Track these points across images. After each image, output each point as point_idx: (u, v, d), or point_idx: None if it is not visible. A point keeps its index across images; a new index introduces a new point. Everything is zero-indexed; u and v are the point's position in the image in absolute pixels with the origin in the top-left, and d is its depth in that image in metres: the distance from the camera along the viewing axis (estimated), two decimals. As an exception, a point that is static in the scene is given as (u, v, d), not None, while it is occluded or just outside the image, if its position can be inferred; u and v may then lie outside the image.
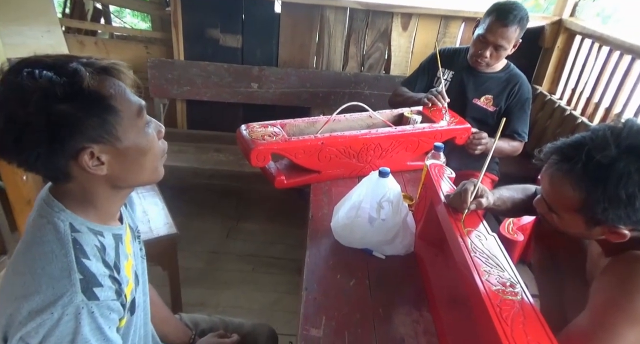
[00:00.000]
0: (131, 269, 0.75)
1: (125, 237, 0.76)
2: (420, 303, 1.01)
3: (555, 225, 0.84)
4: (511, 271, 0.81)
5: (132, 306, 0.73)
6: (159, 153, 0.70)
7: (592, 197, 0.73)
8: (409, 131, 1.50)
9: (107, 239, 0.69)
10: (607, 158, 0.71)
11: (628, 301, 0.68)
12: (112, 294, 0.64)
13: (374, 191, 1.12)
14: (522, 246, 1.44)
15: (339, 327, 0.92)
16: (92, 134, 0.60)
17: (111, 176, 0.65)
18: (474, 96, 1.74)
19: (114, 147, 0.63)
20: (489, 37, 1.58)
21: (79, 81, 0.57)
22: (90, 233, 0.66)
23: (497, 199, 1.02)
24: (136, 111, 0.64)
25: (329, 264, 1.11)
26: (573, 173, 0.75)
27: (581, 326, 0.73)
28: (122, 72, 0.63)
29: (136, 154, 0.66)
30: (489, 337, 0.69)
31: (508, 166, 1.88)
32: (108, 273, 0.65)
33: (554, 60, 2.12)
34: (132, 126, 0.64)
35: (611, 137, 0.72)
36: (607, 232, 0.76)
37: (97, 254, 0.65)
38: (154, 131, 0.69)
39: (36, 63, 0.58)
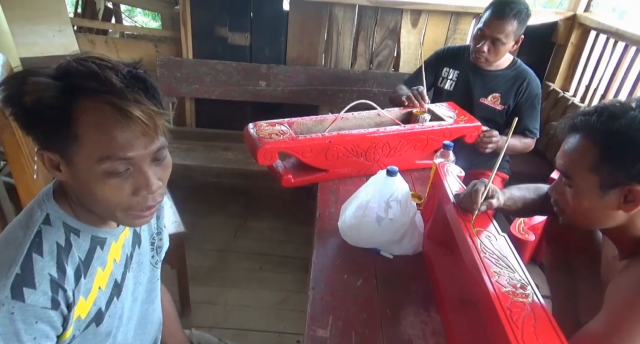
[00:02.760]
0: (108, 277, 0.69)
1: (115, 242, 0.71)
2: (428, 304, 0.99)
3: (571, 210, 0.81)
4: (522, 272, 0.79)
5: (97, 317, 0.68)
6: (118, 205, 0.61)
7: (605, 147, 0.73)
8: (417, 130, 1.48)
9: (82, 240, 0.65)
10: (621, 109, 0.73)
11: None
12: (45, 301, 0.58)
13: (381, 190, 1.11)
14: (534, 246, 1.41)
15: (345, 327, 0.91)
16: (44, 142, 0.58)
17: (72, 186, 0.62)
18: (481, 95, 1.72)
19: (67, 165, 0.59)
20: (486, 31, 1.56)
21: (48, 90, 0.54)
22: (61, 229, 0.63)
23: (508, 199, 1.00)
24: (98, 157, 0.56)
25: (336, 263, 1.10)
26: (587, 125, 0.75)
27: (595, 330, 0.71)
28: (132, 119, 0.55)
29: (86, 187, 0.59)
30: (499, 340, 0.67)
31: (519, 164, 1.85)
32: (51, 278, 0.59)
33: (567, 57, 2.08)
34: (88, 165, 0.57)
35: (625, 102, 0.75)
36: (622, 199, 0.73)
37: (54, 253, 0.60)
38: (129, 187, 0.60)
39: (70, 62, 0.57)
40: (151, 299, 0.85)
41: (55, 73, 0.56)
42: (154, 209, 0.65)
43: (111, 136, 0.56)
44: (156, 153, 0.61)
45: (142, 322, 0.84)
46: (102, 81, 0.55)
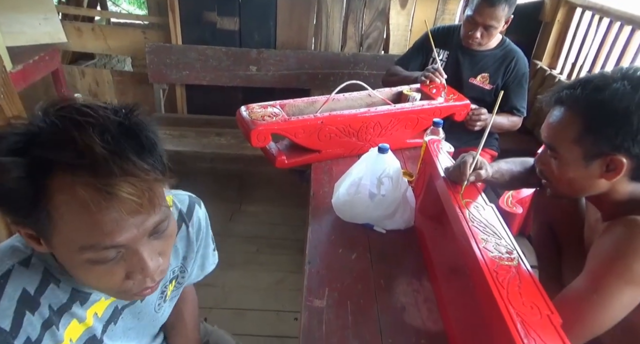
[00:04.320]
0: (83, 330, 0.61)
1: (104, 299, 0.63)
2: (420, 274, 1.03)
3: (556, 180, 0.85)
4: (508, 239, 0.83)
5: None
6: (109, 290, 0.55)
7: (589, 118, 0.75)
8: (408, 109, 1.50)
9: (61, 290, 0.57)
10: (604, 81, 0.75)
11: (623, 263, 0.70)
12: None
13: (373, 167, 1.14)
14: (522, 219, 1.46)
15: (341, 298, 0.95)
16: (15, 219, 0.49)
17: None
18: (470, 75, 1.74)
19: (47, 244, 0.51)
20: (477, 19, 1.58)
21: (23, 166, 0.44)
22: (39, 275, 0.55)
23: (496, 172, 1.04)
24: (78, 246, 0.48)
25: (330, 239, 1.14)
26: (572, 98, 0.78)
27: (577, 288, 0.75)
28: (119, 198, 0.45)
29: (71, 268, 0.52)
30: (485, 300, 0.71)
31: (508, 141, 1.89)
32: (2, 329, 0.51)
33: (554, 35, 2.10)
34: (68, 252, 0.49)
35: (608, 74, 0.77)
36: (604, 168, 0.76)
37: (13, 303, 0.52)
38: (121, 272, 0.52)
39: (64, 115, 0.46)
40: (149, 332, 0.77)
41: (21, 141, 0.45)
42: (155, 287, 0.57)
43: (93, 221, 0.46)
44: (154, 228, 0.51)
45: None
46: (79, 151, 0.44)
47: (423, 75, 1.61)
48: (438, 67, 1.60)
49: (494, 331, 0.68)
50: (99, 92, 2.53)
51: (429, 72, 1.59)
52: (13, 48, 1.93)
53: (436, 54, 1.67)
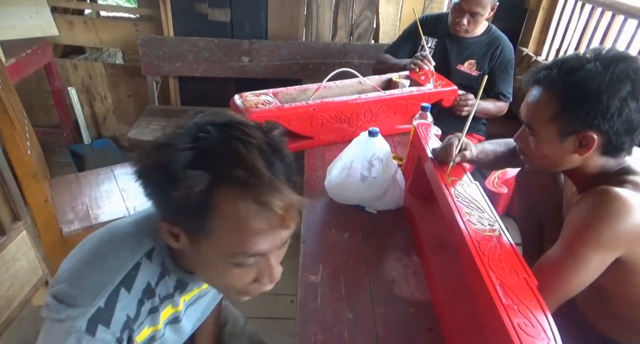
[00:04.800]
0: (172, 313, 0.69)
1: (196, 288, 0.71)
2: (409, 250, 1.09)
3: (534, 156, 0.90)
4: (490, 212, 0.89)
5: (149, 341, 0.68)
6: (234, 290, 0.60)
7: (564, 97, 0.80)
8: (397, 95, 1.54)
9: (170, 281, 0.64)
10: (579, 62, 0.79)
11: (593, 229, 0.75)
12: (111, 339, 0.58)
13: (364, 151, 1.18)
14: (507, 199, 1.51)
15: (335, 273, 1.00)
16: (171, 218, 0.54)
17: (185, 253, 0.59)
18: (458, 61, 1.79)
19: (189, 242, 0.56)
20: (464, 6, 1.62)
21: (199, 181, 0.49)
22: (158, 268, 0.62)
23: (480, 152, 1.09)
24: (230, 253, 0.54)
25: (324, 220, 1.18)
26: (550, 77, 0.82)
27: (552, 254, 0.80)
28: (273, 212, 0.50)
29: (206, 268, 0.59)
30: (468, 267, 0.77)
31: (494, 127, 1.94)
32: (126, 319, 0.59)
33: (539, 22, 2.15)
34: (216, 255, 0.55)
35: (582, 55, 0.81)
36: (578, 144, 0.81)
37: (139, 294, 0.60)
38: (252, 275, 0.57)
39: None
40: (202, 319, 0.84)
41: (194, 155, 0.50)
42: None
43: (249, 232, 0.52)
44: (286, 240, 0.58)
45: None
46: (249, 170, 0.50)
47: (412, 63, 1.66)
48: (426, 55, 1.64)
49: (476, 294, 0.73)
50: (91, 85, 2.54)
51: (417, 60, 1.64)
52: (4, 42, 1.94)
53: (424, 42, 1.71)
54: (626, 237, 0.74)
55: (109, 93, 2.58)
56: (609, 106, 0.75)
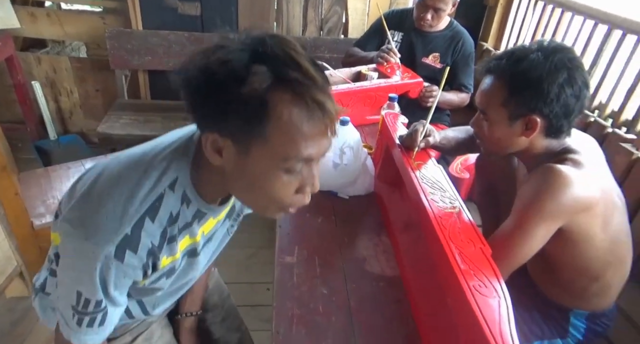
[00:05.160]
0: (190, 244, 0.70)
1: (212, 218, 0.71)
2: (380, 231, 1.15)
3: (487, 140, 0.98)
4: (452, 192, 0.96)
5: (169, 273, 0.70)
6: (278, 201, 0.59)
7: (512, 85, 0.88)
8: (366, 87, 1.61)
9: (189, 211, 0.64)
10: (524, 52, 0.87)
11: (538, 202, 0.84)
12: (138, 264, 0.60)
13: (335, 139, 1.24)
14: (469, 184, 1.61)
15: (310, 254, 1.05)
16: (226, 127, 0.53)
17: (224, 172, 0.58)
18: (423, 55, 1.87)
19: (238, 154, 0.55)
20: (428, 2, 1.72)
21: (260, 80, 0.50)
22: (179, 198, 0.62)
23: (443, 138, 1.17)
24: (290, 156, 0.54)
25: (298, 205, 1.24)
26: (499, 67, 0.91)
27: (504, 227, 0.89)
28: (326, 114, 0.52)
29: (253, 181, 0.57)
30: (432, 240, 0.84)
31: (458, 117, 2.04)
32: (151, 246, 0.60)
33: (497, 18, 2.28)
34: (271, 160, 0.54)
35: (527, 46, 0.90)
36: (525, 126, 0.90)
37: (164, 222, 0.61)
38: (296, 184, 0.58)
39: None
40: (212, 259, 0.86)
41: (252, 55, 0.51)
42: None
43: (302, 135, 0.52)
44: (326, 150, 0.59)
45: (195, 281, 0.87)
46: (304, 73, 0.51)
47: (378, 56, 1.73)
48: (392, 48, 1.72)
49: (439, 263, 0.81)
50: (56, 79, 2.48)
51: (383, 53, 1.71)
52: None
53: (390, 36, 1.78)
54: (567, 208, 0.83)
55: (75, 87, 2.52)
56: (549, 92, 0.84)
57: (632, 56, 1.50)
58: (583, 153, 0.90)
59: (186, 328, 0.96)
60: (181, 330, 0.95)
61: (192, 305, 0.96)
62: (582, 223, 0.86)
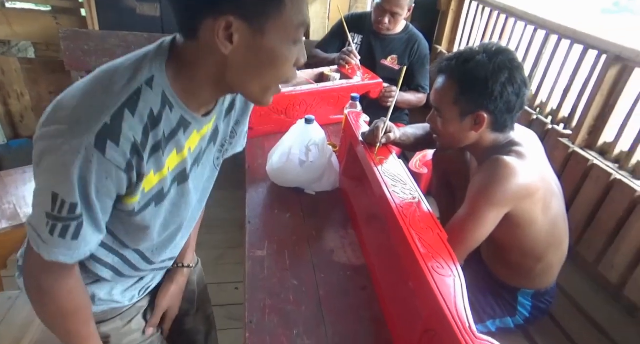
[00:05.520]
0: (179, 162, 0.67)
1: (197, 130, 0.68)
2: (346, 224, 1.21)
3: (442, 135, 1.06)
4: (411, 184, 1.03)
5: (158, 197, 0.67)
6: (283, 76, 0.62)
7: (461, 84, 0.96)
8: (329, 87, 1.67)
9: (173, 115, 0.62)
10: (471, 54, 0.96)
11: (488, 191, 0.92)
12: (122, 162, 0.56)
13: (302, 137, 1.29)
14: (428, 179, 1.71)
15: (279, 247, 1.09)
16: (243, 6, 0.55)
17: (228, 62, 0.59)
18: (382, 56, 1.97)
19: (252, 35, 0.57)
20: (385, 6, 1.81)
21: None
22: (159, 97, 0.59)
23: (403, 135, 1.24)
24: (299, 23, 0.59)
25: (267, 202, 1.27)
26: (450, 67, 0.99)
27: (458, 215, 0.97)
28: None
29: (265, 60, 0.59)
30: (394, 228, 0.90)
31: (416, 116, 2.15)
32: (134, 141, 0.56)
33: (449, 22, 2.42)
34: (285, 31, 0.58)
35: (474, 48, 0.98)
36: (474, 121, 0.98)
37: (145, 117, 0.58)
38: (297, 55, 0.62)
39: None
40: (201, 206, 0.85)
41: None
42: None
43: (305, 2, 0.59)
44: None
45: (187, 230, 0.84)
46: None
47: (340, 58, 1.79)
48: (352, 50, 1.79)
49: (400, 248, 0.87)
50: (5, 81, 2.36)
51: (344, 55, 1.78)
52: None
53: (350, 38, 1.86)
54: (513, 195, 0.93)
55: (26, 90, 2.41)
56: (493, 90, 0.93)
57: (566, 59, 1.65)
58: (525, 145, 1.00)
59: (177, 280, 0.92)
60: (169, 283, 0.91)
61: (183, 257, 0.95)
62: (526, 208, 0.95)
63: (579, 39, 1.56)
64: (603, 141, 1.50)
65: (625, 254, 1.29)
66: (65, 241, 0.58)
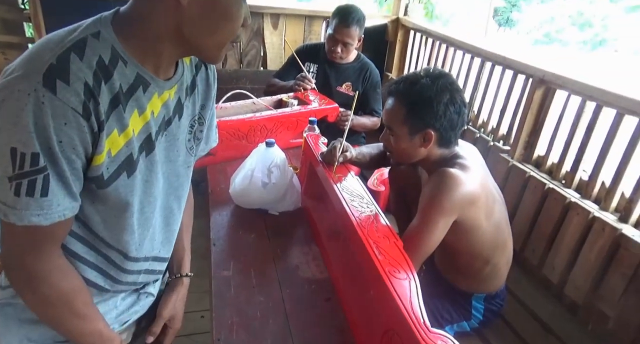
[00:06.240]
0: (143, 125, 0.64)
1: (157, 93, 0.65)
2: (309, 241, 1.26)
3: (394, 151, 1.15)
4: (368, 197, 1.11)
5: (129, 164, 0.63)
6: (235, 32, 0.64)
7: (409, 105, 1.06)
8: (288, 113, 1.75)
9: (128, 70, 0.60)
10: (416, 78, 1.06)
11: (437, 201, 1.01)
12: (77, 103, 0.53)
13: (263, 160, 1.34)
14: (386, 196, 1.80)
15: (245, 267, 1.12)
16: None
17: (186, 14, 0.59)
18: (337, 84, 2.09)
19: None
20: (337, 36, 1.95)
21: None
22: (108, 50, 0.58)
23: (359, 153, 1.33)
24: None
25: (231, 224, 1.30)
26: (398, 90, 1.09)
27: (412, 225, 1.05)
28: None
29: (220, 14, 0.61)
30: (353, 239, 0.96)
31: (372, 139, 2.27)
32: (86, 82, 0.54)
33: (397, 51, 2.61)
34: None
35: (419, 73, 1.09)
36: (422, 139, 1.08)
37: (93, 64, 0.55)
38: (245, 14, 0.64)
39: None
40: (178, 195, 0.79)
41: None
42: None
43: None
44: None
45: (165, 221, 0.78)
46: None
47: (295, 84, 1.90)
48: (306, 75, 1.90)
49: (361, 257, 0.93)
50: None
51: (299, 80, 1.89)
52: None
53: (305, 68, 1.97)
54: (459, 203, 1.02)
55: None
56: (437, 110, 1.04)
57: (500, 83, 1.84)
58: (468, 158, 1.11)
59: (178, 290, 0.90)
60: (170, 293, 0.88)
61: (181, 266, 0.93)
62: (471, 214, 1.05)
63: (509, 65, 1.75)
64: (537, 154, 1.67)
65: (563, 256, 1.42)
66: (34, 199, 0.54)
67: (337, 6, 1.98)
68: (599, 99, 1.38)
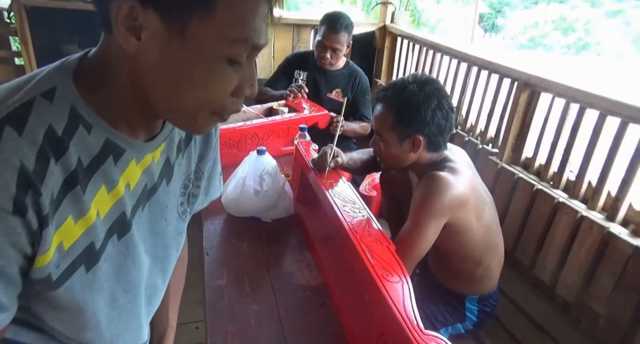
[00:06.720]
0: (112, 204, 0.50)
1: (137, 162, 0.51)
2: (302, 247, 1.26)
3: (385, 157, 1.16)
4: (360, 202, 1.11)
5: (88, 257, 0.48)
6: (211, 101, 0.46)
7: (397, 111, 1.07)
8: (279, 120, 1.76)
9: (92, 137, 0.45)
10: (403, 84, 1.08)
11: (427, 204, 1.02)
12: (5, 200, 0.39)
13: (255, 167, 1.34)
14: (378, 201, 1.81)
15: (239, 275, 1.11)
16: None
17: (139, 65, 0.44)
18: (327, 90, 2.11)
19: (167, 35, 0.42)
20: (326, 43, 1.98)
21: None
22: (64, 113, 0.44)
23: (350, 159, 1.34)
24: (237, 37, 0.43)
25: (224, 232, 1.30)
26: (386, 97, 1.10)
27: (404, 228, 1.06)
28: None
29: (183, 72, 0.44)
30: (346, 244, 0.97)
31: (362, 145, 2.29)
32: (21, 167, 0.39)
33: (385, 58, 2.65)
34: (214, 42, 0.43)
35: (406, 79, 1.10)
36: (412, 144, 1.09)
37: (37, 140, 0.41)
38: (236, 82, 0.46)
39: None
40: (164, 268, 0.64)
41: None
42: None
43: (254, 15, 0.43)
44: None
45: (148, 300, 0.62)
46: None
47: (288, 91, 1.91)
48: (300, 84, 1.92)
49: (354, 262, 0.93)
50: None
51: (292, 88, 1.91)
52: None
53: (297, 75, 1.99)
54: (449, 206, 1.03)
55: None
56: (425, 116, 1.05)
57: (487, 87, 1.87)
58: (457, 161, 1.13)
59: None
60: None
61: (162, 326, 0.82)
62: (461, 217, 1.06)
63: (495, 69, 1.79)
64: (525, 156, 1.70)
65: (553, 256, 1.44)
66: None
67: (325, 13, 2.01)
68: (582, 100, 1.41)
